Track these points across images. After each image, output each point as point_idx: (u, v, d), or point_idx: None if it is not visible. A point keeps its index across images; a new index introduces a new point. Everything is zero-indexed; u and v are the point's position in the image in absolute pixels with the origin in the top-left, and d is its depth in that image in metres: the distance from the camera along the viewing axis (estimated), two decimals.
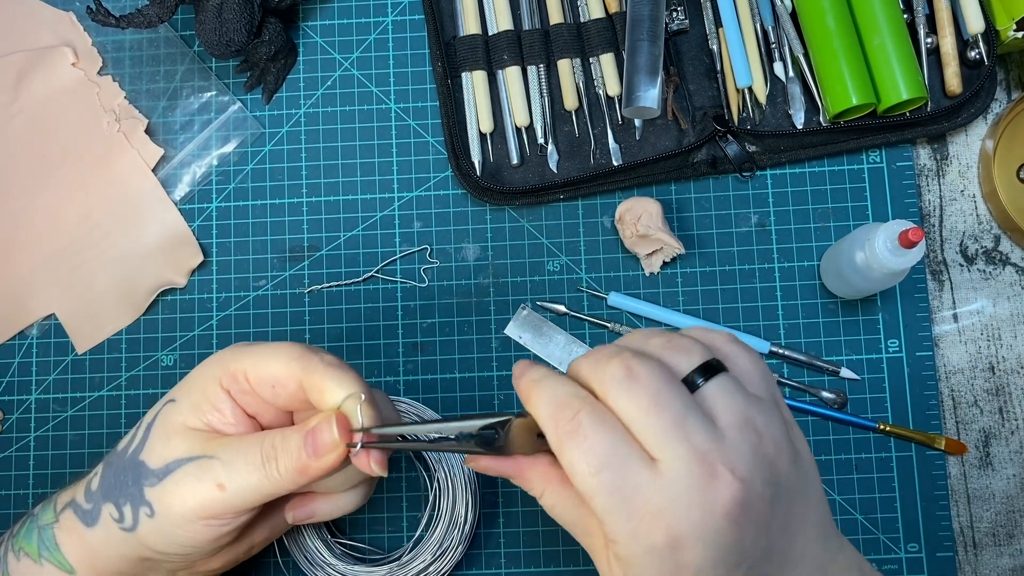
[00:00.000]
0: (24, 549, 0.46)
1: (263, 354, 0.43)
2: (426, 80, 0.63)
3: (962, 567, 0.57)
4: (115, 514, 0.43)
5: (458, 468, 0.55)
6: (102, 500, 0.44)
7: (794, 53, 0.60)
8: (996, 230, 0.60)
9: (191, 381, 0.44)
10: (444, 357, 0.60)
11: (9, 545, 0.47)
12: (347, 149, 0.63)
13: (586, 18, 0.62)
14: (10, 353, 0.62)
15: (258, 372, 0.42)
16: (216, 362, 0.44)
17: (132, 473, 0.43)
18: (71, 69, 0.64)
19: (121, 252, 0.62)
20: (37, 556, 0.45)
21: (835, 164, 0.60)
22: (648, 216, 0.57)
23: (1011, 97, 0.61)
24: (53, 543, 0.45)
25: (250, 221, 0.62)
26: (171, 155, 0.63)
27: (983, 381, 0.58)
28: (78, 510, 0.45)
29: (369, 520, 0.59)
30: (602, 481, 0.34)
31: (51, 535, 0.45)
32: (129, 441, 0.44)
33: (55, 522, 0.45)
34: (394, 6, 0.64)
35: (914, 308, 0.59)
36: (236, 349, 0.44)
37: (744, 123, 0.60)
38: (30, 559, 0.45)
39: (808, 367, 0.58)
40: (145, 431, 0.44)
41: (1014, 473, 0.58)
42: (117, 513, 0.43)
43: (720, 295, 0.59)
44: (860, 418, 0.57)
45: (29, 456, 0.61)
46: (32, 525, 0.46)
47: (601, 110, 0.61)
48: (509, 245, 0.61)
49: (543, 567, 0.57)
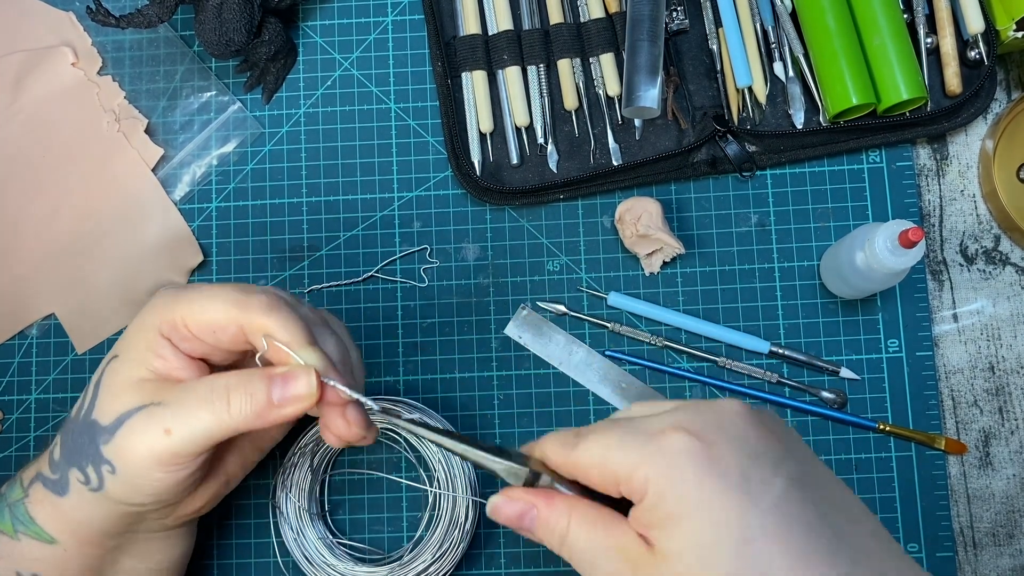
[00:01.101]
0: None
1: (199, 299, 0.42)
2: (426, 80, 0.63)
3: (962, 567, 0.57)
4: (81, 478, 0.43)
5: (458, 468, 0.55)
6: (67, 467, 0.44)
7: (794, 53, 0.60)
8: (996, 230, 0.60)
9: (131, 334, 0.43)
10: (444, 357, 0.60)
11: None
12: (347, 149, 0.63)
13: (586, 18, 0.62)
14: (10, 353, 0.62)
15: (196, 319, 0.42)
16: (153, 312, 0.43)
17: (87, 434, 0.43)
18: (71, 69, 0.64)
19: (121, 252, 0.62)
20: (13, 532, 0.45)
21: (835, 164, 0.60)
22: (648, 216, 0.57)
23: (1011, 97, 0.61)
24: (27, 517, 0.45)
25: (250, 221, 0.62)
26: (171, 155, 0.63)
27: (983, 381, 0.58)
28: (46, 482, 0.45)
29: (369, 520, 0.59)
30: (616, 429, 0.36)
31: (23, 510, 0.45)
32: (80, 404, 0.44)
33: (25, 497, 0.46)
34: (394, 6, 0.64)
35: (914, 308, 0.59)
36: (170, 296, 0.43)
37: (744, 123, 0.60)
38: (6, 536, 0.45)
39: (808, 367, 0.58)
40: (94, 390, 0.44)
41: (1014, 473, 0.58)
42: (83, 476, 0.43)
43: (720, 295, 0.59)
44: (860, 418, 0.57)
45: (29, 456, 0.61)
46: (1, 504, 0.46)
47: (601, 110, 0.61)
48: (509, 245, 0.61)
49: (543, 567, 0.57)
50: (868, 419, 0.57)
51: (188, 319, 0.42)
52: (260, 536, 0.59)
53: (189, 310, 0.42)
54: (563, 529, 0.37)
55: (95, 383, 0.44)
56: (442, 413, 0.58)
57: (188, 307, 0.42)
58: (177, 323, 0.42)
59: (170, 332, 0.43)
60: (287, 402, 0.41)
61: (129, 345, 0.43)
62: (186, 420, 0.41)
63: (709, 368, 0.59)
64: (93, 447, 0.42)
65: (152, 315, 0.43)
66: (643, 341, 0.59)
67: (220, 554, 0.59)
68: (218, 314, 0.42)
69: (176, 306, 0.42)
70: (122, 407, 0.42)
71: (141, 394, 0.42)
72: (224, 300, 0.42)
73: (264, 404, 0.41)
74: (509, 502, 0.38)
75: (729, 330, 0.58)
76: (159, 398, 0.42)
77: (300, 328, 0.42)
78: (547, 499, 0.37)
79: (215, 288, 0.42)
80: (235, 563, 0.59)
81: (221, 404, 0.41)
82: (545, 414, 0.59)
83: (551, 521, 0.37)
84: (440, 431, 0.42)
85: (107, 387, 0.43)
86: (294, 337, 0.41)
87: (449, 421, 0.58)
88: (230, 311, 0.41)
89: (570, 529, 0.36)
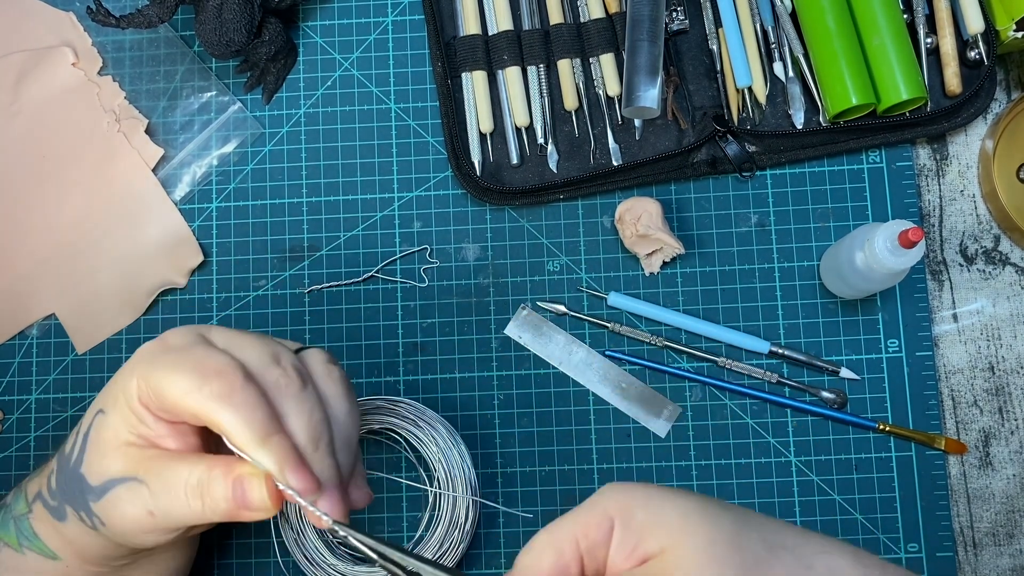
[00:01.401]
0: (2, 539, 0.46)
1: (167, 375, 0.39)
2: (426, 80, 0.63)
3: (962, 567, 0.57)
4: (75, 516, 0.43)
5: (458, 468, 0.56)
6: (63, 501, 0.44)
7: (794, 53, 0.60)
8: (996, 230, 0.60)
9: (115, 391, 0.41)
10: (444, 357, 0.60)
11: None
12: (347, 149, 0.63)
13: (586, 18, 0.62)
14: (10, 353, 0.62)
15: (166, 396, 0.39)
16: (132, 373, 0.41)
17: (77, 485, 0.42)
18: (71, 69, 0.64)
19: (121, 252, 0.62)
20: (18, 546, 0.45)
21: (835, 164, 0.60)
22: (648, 216, 0.57)
23: (1011, 97, 0.61)
24: (32, 533, 0.45)
25: (250, 221, 0.62)
26: (171, 155, 0.63)
27: (983, 381, 0.58)
28: (47, 505, 0.45)
29: (369, 520, 0.59)
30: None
31: (28, 525, 0.45)
32: (72, 447, 0.43)
33: (29, 512, 0.46)
34: (394, 6, 0.64)
35: (914, 308, 0.59)
36: (148, 360, 0.40)
37: (744, 123, 0.60)
38: (11, 549, 0.46)
39: (808, 367, 0.58)
40: (83, 441, 0.43)
41: (1014, 473, 0.58)
42: (77, 516, 0.43)
43: (720, 295, 0.59)
44: (860, 418, 0.57)
45: (29, 456, 0.61)
46: (7, 515, 0.47)
47: (601, 110, 0.61)
48: (509, 245, 0.61)
49: None
50: (868, 419, 0.57)
51: (162, 394, 0.39)
52: (260, 536, 0.59)
53: (160, 386, 0.39)
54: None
55: (83, 434, 0.43)
56: (442, 413, 0.58)
57: (159, 381, 0.39)
58: (152, 394, 0.40)
59: (148, 401, 0.40)
60: (249, 507, 0.39)
61: (114, 403, 0.41)
62: (167, 509, 0.40)
63: (709, 368, 0.59)
64: (83, 500, 0.42)
65: (131, 379, 0.40)
66: (643, 341, 0.59)
67: (221, 554, 0.59)
68: (177, 400, 0.39)
69: (150, 374, 0.40)
70: (108, 472, 0.41)
71: (126, 461, 0.41)
72: (184, 387, 0.38)
73: (233, 506, 0.39)
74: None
75: (729, 330, 0.58)
76: (143, 472, 0.40)
77: (254, 422, 0.38)
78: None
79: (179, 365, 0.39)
80: (235, 563, 0.59)
81: (196, 503, 0.40)
82: (545, 414, 0.59)
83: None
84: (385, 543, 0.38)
85: (94, 444, 0.42)
86: (246, 435, 0.38)
87: (449, 421, 0.58)
88: (185, 399, 0.38)
89: None
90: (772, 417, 0.58)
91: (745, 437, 0.58)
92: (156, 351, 0.41)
